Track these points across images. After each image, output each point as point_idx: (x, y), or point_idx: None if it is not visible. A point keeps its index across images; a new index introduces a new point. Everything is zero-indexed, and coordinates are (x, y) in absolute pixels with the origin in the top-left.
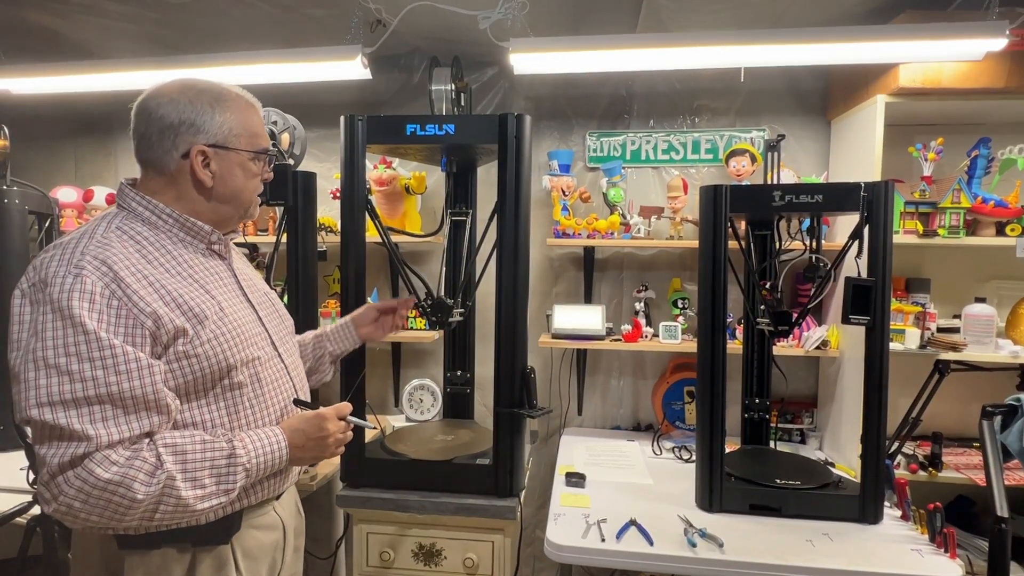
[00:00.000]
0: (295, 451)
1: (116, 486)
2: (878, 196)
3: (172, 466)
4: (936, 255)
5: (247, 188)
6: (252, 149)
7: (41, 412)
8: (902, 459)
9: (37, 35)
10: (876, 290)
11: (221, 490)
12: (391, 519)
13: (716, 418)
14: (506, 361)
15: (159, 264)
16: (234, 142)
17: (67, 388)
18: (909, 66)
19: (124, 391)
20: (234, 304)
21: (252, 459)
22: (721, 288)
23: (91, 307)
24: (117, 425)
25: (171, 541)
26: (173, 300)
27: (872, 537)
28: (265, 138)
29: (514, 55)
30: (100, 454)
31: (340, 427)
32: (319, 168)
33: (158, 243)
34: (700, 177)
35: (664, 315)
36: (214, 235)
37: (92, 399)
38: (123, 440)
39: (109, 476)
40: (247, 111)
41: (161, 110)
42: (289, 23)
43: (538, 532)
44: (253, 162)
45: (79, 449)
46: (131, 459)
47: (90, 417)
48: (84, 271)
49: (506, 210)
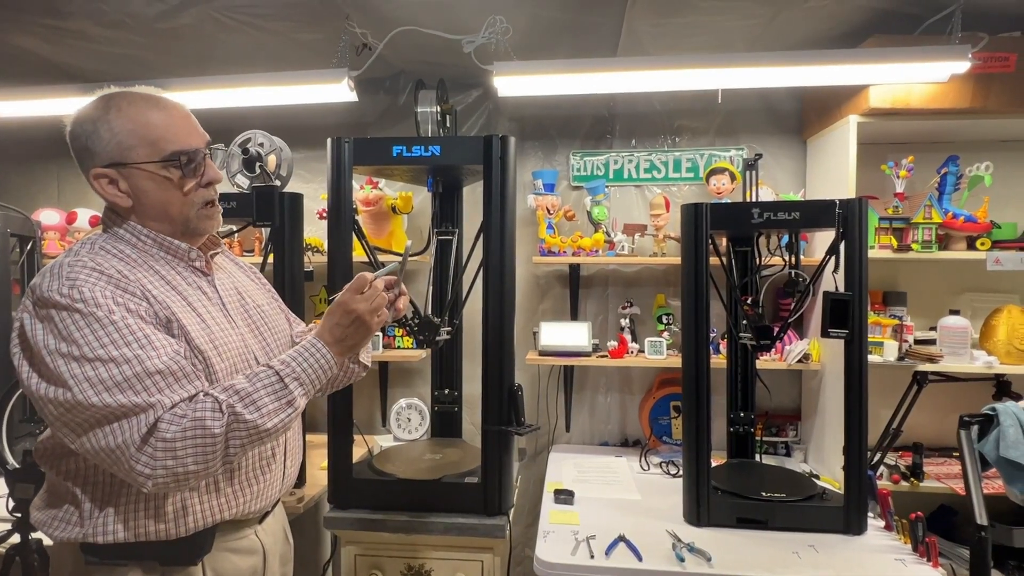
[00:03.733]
0: (338, 345)
1: (194, 431)
2: (853, 213)
3: (228, 398)
4: (911, 269)
5: (173, 201)
6: (157, 158)
7: (102, 398)
8: (884, 470)
9: (21, 59)
10: (853, 304)
11: (283, 403)
12: (379, 540)
13: (702, 433)
14: (493, 379)
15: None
16: (132, 155)
17: (115, 372)
18: (879, 88)
19: (166, 362)
20: (216, 319)
21: (296, 368)
22: (704, 304)
23: (99, 307)
24: (171, 389)
25: (137, 557)
26: (160, 304)
27: (857, 548)
28: (175, 139)
29: (498, 78)
30: (167, 414)
31: (368, 298)
32: (305, 189)
33: (142, 262)
34: (682, 195)
35: (649, 331)
36: (192, 252)
37: (141, 374)
38: (182, 400)
39: (185, 425)
40: (143, 113)
41: (71, 136)
42: (276, 48)
43: (527, 550)
44: (167, 170)
45: (150, 417)
46: (192, 406)
47: (146, 390)
48: (78, 280)
49: (492, 229)
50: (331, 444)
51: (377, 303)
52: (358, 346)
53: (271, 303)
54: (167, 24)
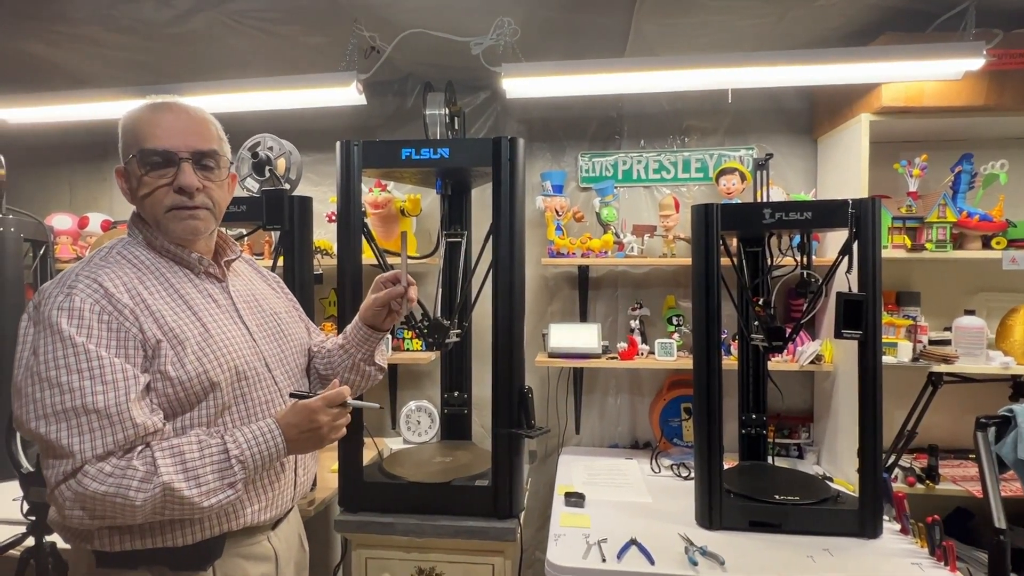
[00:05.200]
0: (291, 444)
1: (112, 497)
2: (865, 212)
3: (169, 469)
4: (925, 269)
5: (144, 200)
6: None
7: (36, 425)
8: (899, 472)
9: (32, 65)
10: (867, 304)
11: (225, 484)
12: (390, 543)
13: (714, 435)
14: (503, 381)
15: (152, 286)
16: (124, 154)
17: (57, 400)
18: (891, 85)
19: (109, 401)
20: (224, 324)
21: (246, 451)
22: (715, 305)
23: (80, 323)
24: (103, 438)
25: (147, 563)
26: (155, 321)
27: (872, 552)
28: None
29: (506, 80)
30: (94, 468)
31: (332, 415)
32: (314, 192)
33: (156, 268)
34: (691, 195)
35: (659, 332)
36: (204, 261)
37: (79, 409)
38: (111, 452)
39: (105, 489)
40: (138, 118)
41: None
42: (285, 51)
43: (538, 553)
44: (138, 167)
45: (67, 466)
46: (125, 468)
47: (77, 431)
48: (74, 290)
49: (501, 231)
50: (341, 447)
51: (340, 423)
52: (306, 451)
53: (290, 311)
54: (177, 29)
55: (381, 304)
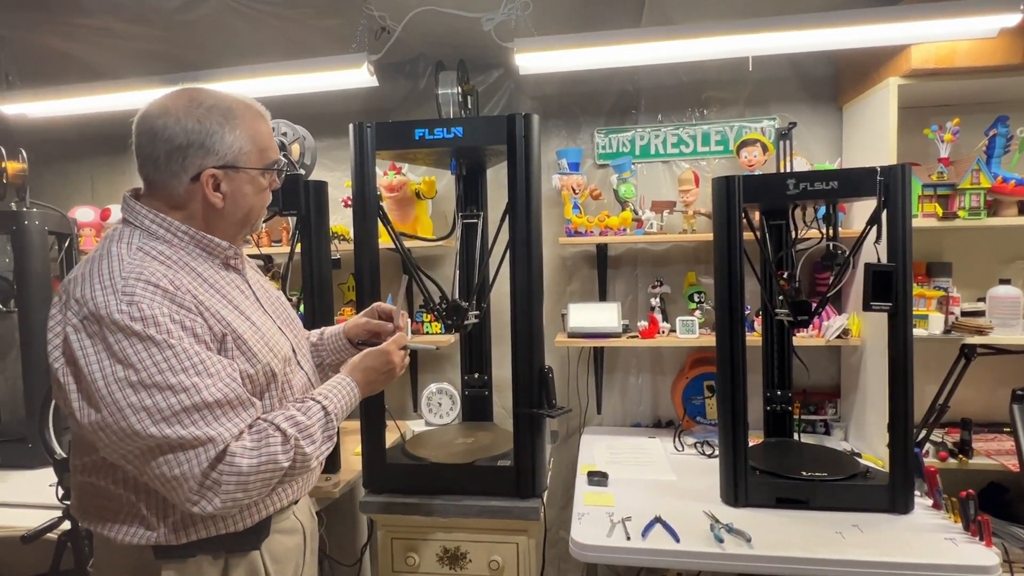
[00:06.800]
0: (366, 387)
1: (265, 464)
2: (895, 180)
3: (293, 431)
4: (957, 238)
5: (257, 204)
6: (262, 165)
7: (161, 428)
8: (930, 447)
9: (50, 58)
10: (897, 275)
11: (326, 437)
12: (415, 523)
13: (738, 411)
14: (523, 362)
15: (189, 282)
16: (244, 160)
17: (174, 401)
18: (921, 47)
19: (225, 390)
20: (259, 316)
21: (337, 404)
22: (737, 280)
23: (158, 328)
24: (230, 420)
25: (206, 550)
26: (213, 315)
27: (904, 527)
28: (275, 149)
29: (519, 55)
30: (236, 446)
31: (401, 355)
32: (330, 177)
33: (179, 261)
34: (711, 169)
35: (680, 310)
36: (231, 250)
37: (200, 404)
38: (243, 430)
39: (257, 460)
40: (256, 123)
41: (168, 131)
42: (296, 35)
43: (562, 532)
44: (263, 177)
45: (211, 451)
46: (263, 439)
47: (204, 421)
48: (136, 295)
49: (517, 210)
50: (364, 430)
51: (406, 362)
52: (375, 391)
53: (282, 296)
54: (186, 16)
55: (369, 332)
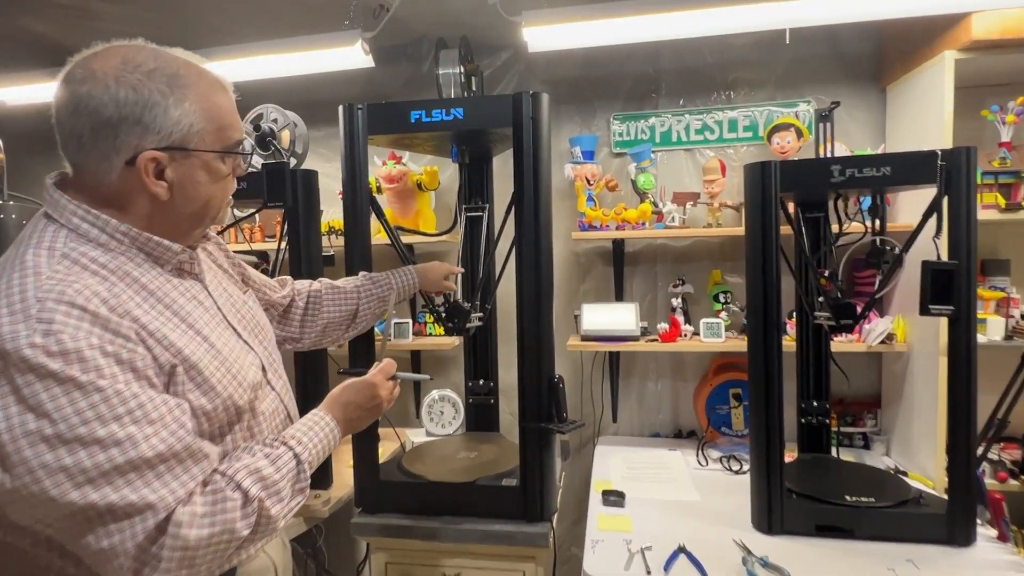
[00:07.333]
0: (347, 424)
1: (219, 535)
2: (958, 165)
3: (256, 490)
4: (1015, 233)
5: (216, 195)
6: (221, 146)
7: (84, 493)
8: (987, 466)
9: (32, 43)
10: (960, 275)
11: (296, 491)
12: (412, 547)
13: (773, 427)
14: (531, 369)
15: (127, 295)
16: (196, 141)
17: (102, 458)
18: (983, 14)
19: (169, 440)
20: (221, 333)
21: (311, 450)
22: (772, 279)
23: (83, 363)
24: (176, 479)
25: None
26: (158, 341)
27: (965, 563)
28: (237, 126)
29: (527, 28)
30: (183, 512)
31: (389, 387)
32: (327, 168)
33: (118, 270)
34: (739, 157)
35: (704, 311)
36: (185, 254)
37: (137, 461)
38: (192, 491)
39: (209, 531)
40: (213, 93)
41: (93, 100)
42: (288, 15)
43: (574, 548)
44: (222, 161)
45: (149, 521)
46: (218, 502)
47: (142, 481)
48: (55, 323)
49: (524, 201)
50: (355, 445)
51: (395, 394)
52: (360, 429)
53: (253, 298)
54: None
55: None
